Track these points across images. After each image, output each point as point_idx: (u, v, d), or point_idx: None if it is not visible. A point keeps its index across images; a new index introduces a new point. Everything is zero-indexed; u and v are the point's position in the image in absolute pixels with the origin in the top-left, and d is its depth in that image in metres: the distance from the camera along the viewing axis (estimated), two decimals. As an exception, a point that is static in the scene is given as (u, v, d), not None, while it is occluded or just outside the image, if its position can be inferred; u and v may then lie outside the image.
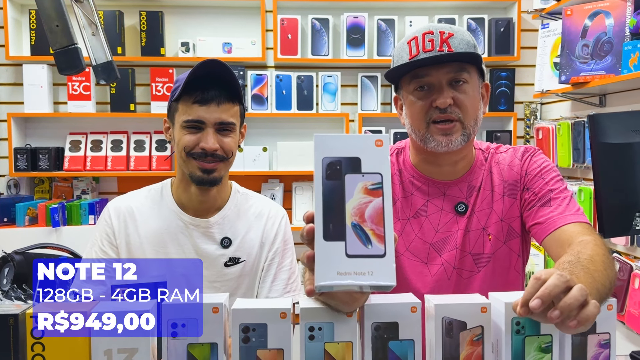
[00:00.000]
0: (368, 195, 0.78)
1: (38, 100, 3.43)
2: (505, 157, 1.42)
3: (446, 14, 3.54)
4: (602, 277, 1.01)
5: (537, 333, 0.96)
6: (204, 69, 1.45)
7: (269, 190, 3.57)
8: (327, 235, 0.76)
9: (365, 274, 0.75)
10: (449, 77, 1.29)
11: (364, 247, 0.76)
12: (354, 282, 0.75)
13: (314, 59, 3.52)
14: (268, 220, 1.61)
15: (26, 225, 3.30)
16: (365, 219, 0.77)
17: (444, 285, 1.36)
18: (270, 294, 1.58)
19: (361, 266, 0.75)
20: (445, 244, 1.37)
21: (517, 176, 1.39)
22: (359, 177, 0.78)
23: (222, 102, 1.46)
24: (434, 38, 1.27)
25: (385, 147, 0.80)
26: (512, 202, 1.37)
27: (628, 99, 2.72)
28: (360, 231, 0.77)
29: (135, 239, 1.53)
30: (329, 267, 0.75)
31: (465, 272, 1.36)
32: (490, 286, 1.33)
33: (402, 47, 1.33)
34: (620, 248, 2.70)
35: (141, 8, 3.50)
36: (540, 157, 1.40)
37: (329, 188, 0.78)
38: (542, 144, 3.24)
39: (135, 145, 3.54)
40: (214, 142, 1.46)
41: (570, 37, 2.75)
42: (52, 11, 1.39)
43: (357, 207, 0.77)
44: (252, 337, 0.92)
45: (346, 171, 0.78)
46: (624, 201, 1.28)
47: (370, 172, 0.79)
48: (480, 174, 1.40)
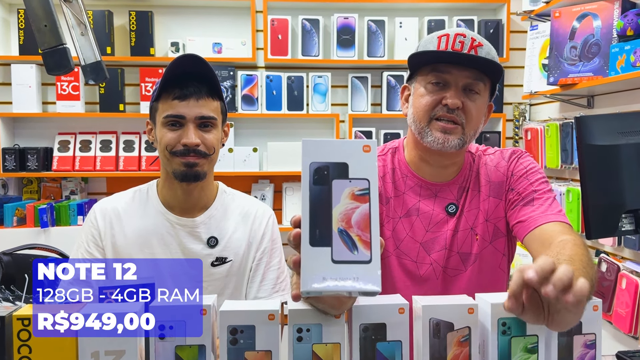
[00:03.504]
0: (355, 201, 0.77)
1: (26, 100, 3.40)
2: (492, 158, 1.44)
3: (436, 15, 3.56)
4: (582, 275, 1.00)
5: (523, 334, 0.96)
6: (181, 65, 1.46)
7: (259, 191, 3.57)
8: (313, 241, 0.76)
9: (350, 279, 0.75)
10: (466, 81, 1.31)
11: (350, 253, 0.76)
12: (339, 287, 0.74)
13: (304, 60, 3.52)
14: (255, 220, 1.61)
15: (14, 225, 3.28)
16: (352, 224, 0.77)
17: (432, 285, 1.38)
18: (259, 293, 1.58)
19: (347, 272, 0.75)
20: (435, 243, 1.39)
21: (503, 177, 1.41)
22: (346, 182, 0.78)
23: (201, 97, 1.47)
24: (465, 41, 1.29)
25: (372, 152, 0.79)
26: (497, 203, 1.40)
27: (616, 100, 2.74)
28: (346, 237, 0.76)
29: (121, 240, 1.53)
30: (315, 272, 0.75)
31: (450, 271, 1.38)
32: (476, 285, 1.36)
33: (430, 39, 1.35)
34: (607, 248, 2.72)
35: (131, 8, 3.49)
36: (527, 159, 1.42)
37: (316, 193, 0.77)
38: (530, 145, 3.26)
39: (124, 146, 3.53)
40: (195, 138, 1.46)
41: (558, 39, 2.77)
42: (40, 11, 1.38)
43: (344, 213, 0.77)
44: (240, 339, 0.92)
45: (333, 176, 0.78)
46: (610, 202, 1.29)
47: (358, 178, 0.78)
48: (469, 175, 1.43)
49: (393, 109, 3.57)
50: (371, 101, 3.61)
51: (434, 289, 1.38)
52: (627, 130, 1.29)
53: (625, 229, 1.30)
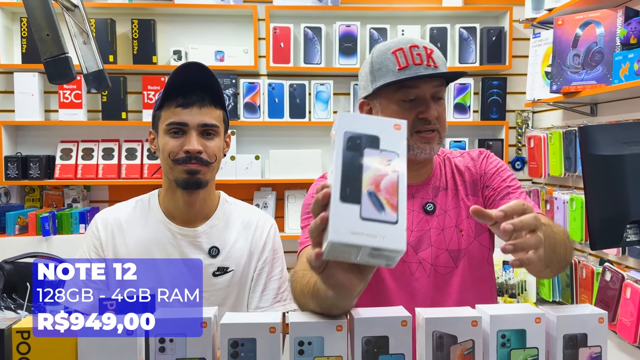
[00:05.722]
0: (385, 169, 0.80)
1: (29, 109, 3.41)
2: (461, 160, 1.53)
3: (438, 23, 3.56)
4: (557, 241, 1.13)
5: (523, 346, 0.95)
6: (185, 73, 1.47)
7: (262, 199, 3.56)
8: (344, 197, 0.78)
9: (377, 236, 0.76)
10: (433, 91, 1.39)
11: (377, 212, 0.77)
12: (367, 242, 0.76)
13: (306, 68, 3.52)
14: (257, 230, 1.61)
15: (16, 234, 3.27)
16: (381, 189, 0.79)
17: (424, 284, 1.41)
18: (261, 303, 1.58)
19: (374, 229, 0.76)
20: (421, 242, 1.43)
21: (477, 176, 1.49)
22: (377, 152, 0.81)
23: (204, 105, 1.48)
24: (421, 52, 1.35)
25: (402, 130, 0.83)
26: (475, 200, 1.47)
27: (619, 108, 2.74)
28: (375, 198, 0.78)
29: (123, 250, 1.53)
30: (344, 225, 0.76)
31: (442, 269, 1.42)
32: (469, 280, 1.42)
33: (385, 56, 1.38)
34: (612, 257, 2.71)
35: (133, 16, 3.50)
36: (494, 158, 1.52)
37: (349, 158, 0.80)
38: (533, 153, 3.25)
39: (126, 154, 3.52)
40: (197, 145, 1.47)
41: (561, 47, 2.77)
42: (42, 20, 1.38)
43: (374, 178, 0.79)
44: (241, 352, 0.91)
45: (365, 146, 0.81)
46: (614, 213, 1.28)
47: (388, 150, 0.81)
48: (442, 176, 1.50)
49: (395, 116, 3.56)
50: (373, 109, 3.60)
51: (427, 289, 1.41)
52: (631, 140, 1.28)
53: (630, 239, 1.29)
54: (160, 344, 0.90)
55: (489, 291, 1.48)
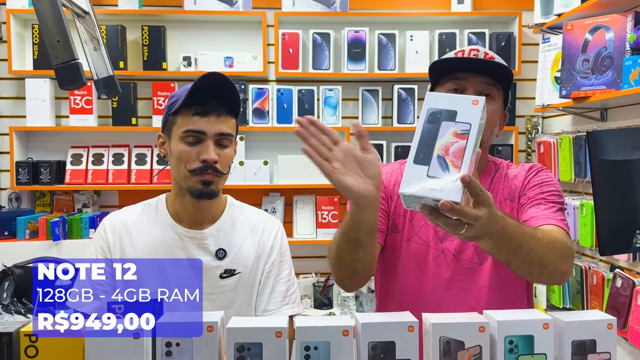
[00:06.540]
0: (456, 138, 0.98)
1: (40, 114, 3.43)
2: (513, 170, 1.54)
3: (447, 28, 3.55)
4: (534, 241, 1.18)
5: (531, 352, 0.95)
6: (206, 82, 1.46)
7: (270, 204, 3.57)
8: (417, 160, 0.98)
9: (437, 190, 0.94)
10: (481, 86, 1.42)
11: (441, 171, 0.96)
12: (428, 193, 0.94)
13: (315, 73, 3.53)
14: (264, 233, 1.62)
15: (27, 238, 3.30)
16: (449, 153, 0.97)
17: (442, 270, 1.45)
18: (269, 306, 1.58)
19: (436, 184, 0.95)
20: (447, 233, 1.43)
21: (520, 184, 1.49)
22: (452, 124, 0.99)
23: (221, 115, 1.49)
24: (478, 54, 1.44)
25: (480, 105, 1.00)
26: (511, 205, 1.48)
27: (630, 113, 2.72)
28: (442, 160, 0.96)
29: (131, 253, 1.54)
30: (412, 181, 0.96)
31: (465, 262, 1.45)
32: (495, 281, 1.43)
33: (448, 55, 1.49)
34: (622, 264, 2.68)
35: (143, 23, 3.52)
36: (546, 173, 1.51)
37: (427, 129, 1.00)
38: (543, 158, 3.23)
39: (136, 159, 3.54)
40: (214, 154, 1.47)
41: (570, 52, 2.75)
42: (53, 27, 1.40)
43: (445, 144, 0.98)
44: (247, 357, 0.91)
45: (443, 119, 0.99)
46: (624, 218, 1.27)
47: (462, 122, 0.99)
48: (488, 178, 1.51)
49: (404, 121, 3.56)
50: (382, 114, 3.61)
51: (444, 275, 1.44)
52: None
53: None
54: (166, 347, 0.91)
55: (515, 295, 1.47)
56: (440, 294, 1.43)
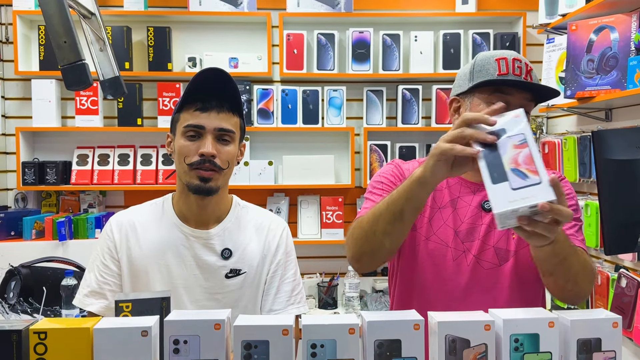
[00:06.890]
0: (518, 149, 1.03)
1: (46, 115, 3.45)
2: None
3: (452, 28, 3.56)
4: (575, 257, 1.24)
5: (536, 350, 0.95)
6: (207, 78, 1.48)
7: (275, 204, 3.57)
8: (494, 180, 1.02)
9: (529, 197, 0.98)
10: (523, 103, 1.41)
11: (523, 181, 1.00)
12: (525, 203, 0.98)
13: (319, 74, 3.53)
14: (269, 233, 1.62)
15: (33, 238, 3.31)
16: (520, 163, 1.01)
17: (462, 270, 1.46)
18: (274, 306, 1.59)
19: (525, 193, 0.99)
20: (469, 234, 1.47)
21: None
22: (507, 139, 1.06)
23: (222, 111, 1.50)
24: (522, 66, 1.43)
25: (522, 116, 1.08)
26: None
27: (635, 113, 2.71)
28: (518, 172, 1.01)
29: (137, 252, 1.55)
30: (501, 199, 1.00)
31: (486, 264, 1.45)
32: (515, 282, 1.44)
33: (488, 61, 1.44)
34: (627, 263, 2.68)
35: (149, 24, 3.54)
36: (566, 184, 1.52)
37: (487, 152, 1.07)
38: (548, 158, 3.23)
39: (142, 159, 3.56)
40: (212, 148, 1.48)
41: (575, 52, 2.75)
42: (60, 27, 1.40)
43: (511, 158, 1.03)
44: (254, 354, 0.91)
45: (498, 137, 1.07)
46: (629, 218, 1.28)
47: (514, 134, 1.05)
48: None
49: (408, 122, 3.56)
50: (386, 114, 3.61)
51: (463, 277, 1.45)
52: (645, 145, 1.27)
53: (645, 244, 1.28)
54: (174, 345, 0.91)
55: (535, 296, 1.48)
56: (460, 294, 1.44)
